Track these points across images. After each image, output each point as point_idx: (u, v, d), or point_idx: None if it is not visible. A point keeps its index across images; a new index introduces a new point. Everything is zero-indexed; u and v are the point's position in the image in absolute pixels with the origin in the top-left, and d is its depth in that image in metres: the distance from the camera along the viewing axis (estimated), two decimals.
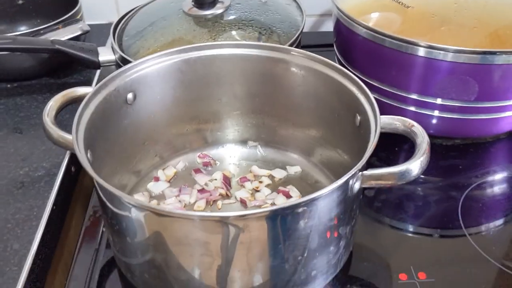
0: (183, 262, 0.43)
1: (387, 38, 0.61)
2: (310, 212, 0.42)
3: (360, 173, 0.44)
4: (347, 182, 0.42)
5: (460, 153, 0.67)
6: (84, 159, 0.43)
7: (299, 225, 0.42)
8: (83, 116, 0.49)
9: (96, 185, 0.45)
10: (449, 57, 0.58)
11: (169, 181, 0.62)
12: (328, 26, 0.98)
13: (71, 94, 0.52)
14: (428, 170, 0.62)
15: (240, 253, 0.42)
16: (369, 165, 0.45)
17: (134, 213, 0.41)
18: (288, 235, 0.42)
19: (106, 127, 0.53)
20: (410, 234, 0.57)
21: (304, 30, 0.72)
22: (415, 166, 0.45)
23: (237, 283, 0.44)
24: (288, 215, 0.41)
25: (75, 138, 0.45)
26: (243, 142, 0.66)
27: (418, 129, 0.47)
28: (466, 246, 0.55)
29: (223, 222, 0.40)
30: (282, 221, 0.41)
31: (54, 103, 0.51)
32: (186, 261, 0.43)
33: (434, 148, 0.47)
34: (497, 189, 0.63)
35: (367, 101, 0.50)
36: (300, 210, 0.41)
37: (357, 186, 0.44)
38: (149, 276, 0.47)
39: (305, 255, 0.44)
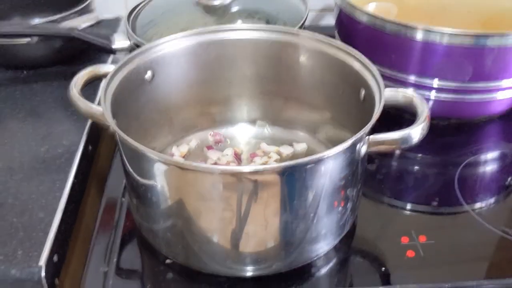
0: (204, 218, 0.47)
1: (387, 23, 0.65)
2: (320, 171, 0.45)
3: (367, 137, 0.48)
4: (354, 144, 0.46)
5: (455, 132, 0.72)
6: (112, 121, 0.47)
7: (310, 182, 0.45)
8: (108, 90, 0.53)
9: (121, 146, 0.49)
10: (445, 39, 0.63)
11: (183, 157, 0.66)
12: (328, 21, 1.03)
13: (95, 70, 0.56)
14: (425, 147, 0.67)
15: (255, 209, 0.45)
16: None
17: (158, 169, 0.45)
18: (300, 192, 0.46)
19: (127, 102, 0.57)
20: (410, 203, 0.61)
21: (305, 24, 0.76)
22: (416, 131, 0.49)
23: (253, 238, 0.48)
24: (299, 171, 0.44)
25: (104, 107, 0.49)
26: (252, 121, 0.70)
27: (418, 99, 0.51)
28: (463, 213, 0.59)
29: (239, 176, 0.43)
30: (294, 178, 0.45)
31: (80, 77, 0.54)
32: (207, 217, 0.47)
33: (431, 128, 0.50)
34: (490, 163, 0.67)
35: (371, 75, 0.54)
36: (310, 167, 0.44)
37: (363, 149, 0.48)
38: (171, 235, 0.50)
39: (317, 212, 0.48)
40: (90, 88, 0.75)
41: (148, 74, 0.59)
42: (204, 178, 0.44)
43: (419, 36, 0.64)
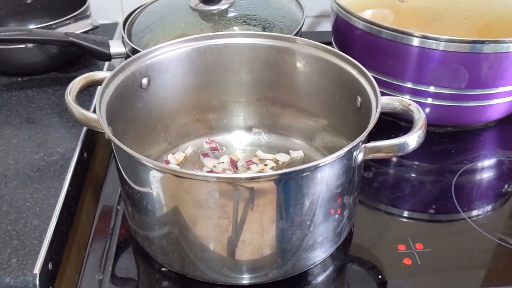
0: (200, 225, 0.47)
1: (383, 30, 0.66)
2: (317, 178, 0.45)
3: (363, 145, 0.48)
4: (351, 151, 0.46)
5: (452, 140, 0.72)
6: (107, 129, 0.47)
7: (307, 190, 0.45)
8: (104, 96, 0.52)
9: (116, 154, 0.49)
10: (441, 46, 0.63)
11: (179, 165, 0.65)
12: (324, 27, 1.03)
13: (91, 77, 0.56)
14: (422, 155, 0.68)
15: (252, 216, 0.45)
16: None
17: (154, 176, 0.45)
18: (296, 199, 0.45)
19: (123, 109, 0.57)
20: (407, 211, 0.61)
21: (302, 30, 0.76)
22: (412, 139, 0.48)
23: (249, 246, 0.47)
24: (296, 179, 0.44)
25: (99, 114, 0.48)
26: (248, 128, 0.70)
27: (414, 107, 0.51)
28: (460, 220, 0.59)
29: (236, 184, 0.43)
30: (290, 185, 0.44)
31: (76, 84, 0.54)
32: (203, 224, 0.46)
33: (427, 135, 0.50)
34: (486, 170, 0.67)
35: (368, 82, 0.54)
36: (307, 174, 0.44)
37: (360, 157, 0.48)
38: (167, 242, 0.50)
39: (313, 220, 0.48)
40: (86, 94, 0.76)
41: (144, 80, 0.59)
42: (200, 185, 0.44)
43: (415, 42, 0.64)
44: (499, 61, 0.64)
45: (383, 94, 0.70)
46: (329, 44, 0.81)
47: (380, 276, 0.53)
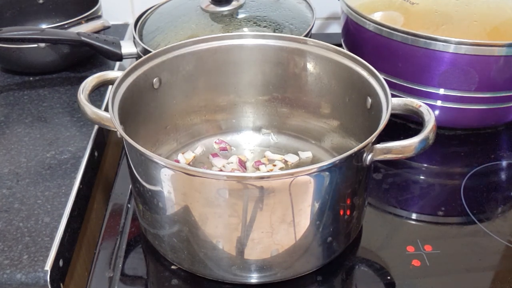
0: (210, 224, 0.47)
1: (394, 32, 0.66)
2: (327, 178, 0.45)
3: (373, 146, 0.48)
4: (361, 152, 0.46)
5: (461, 142, 0.72)
6: (119, 127, 0.47)
7: (316, 190, 0.45)
8: (116, 96, 0.53)
9: (128, 152, 0.49)
10: (451, 48, 0.63)
11: (188, 164, 0.66)
12: (334, 29, 1.03)
13: (103, 76, 0.56)
14: (431, 157, 0.68)
15: (261, 215, 0.45)
16: None
17: (165, 175, 0.45)
18: (306, 200, 0.46)
19: (135, 108, 0.57)
20: (416, 213, 0.61)
21: (312, 31, 0.76)
22: (422, 141, 0.48)
23: (258, 245, 0.48)
24: (306, 179, 0.44)
25: (112, 112, 0.49)
26: (257, 129, 0.70)
27: (425, 108, 0.51)
28: (469, 223, 0.59)
29: (245, 183, 0.43)
30: (299, 185, 0.45)
31: (88, 83, 0.55)
32: (213, 223, 0.47)
33: (437, 138, 0.50)
34: (496, 173, 0.67)
35: (378, 83, 0.54)
36: (317, 174, 0.44)
37: (370, 158, 0.48)
38: (177, 241, 0.50)
39: (323, 220, 0.48)
40: (97, 94, 0.76)
41: (155, 80, 0.60)
42: (210, 184, 0.44)
43: (425, 45, 0.64)
44: (509, 64, 0.64)
45: (392, 96, 0.70)
46: (339, 46, 0.82)
47: (388, 277, 0.53)
